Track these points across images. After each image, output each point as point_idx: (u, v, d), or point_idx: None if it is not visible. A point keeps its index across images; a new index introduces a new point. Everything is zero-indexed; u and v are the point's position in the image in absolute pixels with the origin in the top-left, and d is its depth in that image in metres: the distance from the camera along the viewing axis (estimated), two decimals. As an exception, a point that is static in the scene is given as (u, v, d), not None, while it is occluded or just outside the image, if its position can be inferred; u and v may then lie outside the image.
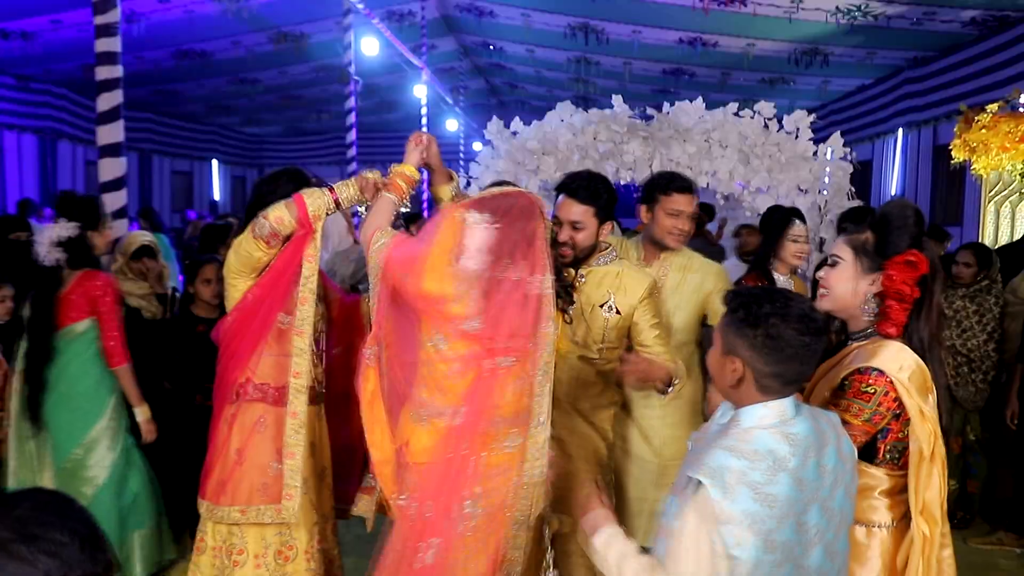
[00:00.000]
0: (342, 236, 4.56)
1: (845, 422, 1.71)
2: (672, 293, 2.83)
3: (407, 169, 2.29)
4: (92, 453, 3.13)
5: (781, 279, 3.37)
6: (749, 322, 1.50)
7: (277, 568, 2.38)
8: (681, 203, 2.78)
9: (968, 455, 4.16)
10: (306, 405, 2.36)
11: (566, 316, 2.37)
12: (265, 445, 2.38)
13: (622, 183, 4.70)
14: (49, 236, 3.06)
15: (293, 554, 2.40)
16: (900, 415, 1.80)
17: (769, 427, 1.49)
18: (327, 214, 2.33)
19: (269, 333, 2.38)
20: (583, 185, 2.41)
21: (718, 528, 1.39)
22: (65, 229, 3.06)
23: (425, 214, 14.79)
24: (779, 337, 1.48)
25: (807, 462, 1.48)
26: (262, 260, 2.33)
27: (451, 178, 2.48)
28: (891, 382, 1.77)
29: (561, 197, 2.43)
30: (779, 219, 3.42)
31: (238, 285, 2.38)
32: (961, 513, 4.06)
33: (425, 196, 14.22)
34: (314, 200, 2.29)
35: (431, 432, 1.97)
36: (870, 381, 1.78)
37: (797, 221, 3.36)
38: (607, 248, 2.51)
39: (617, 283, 2.43)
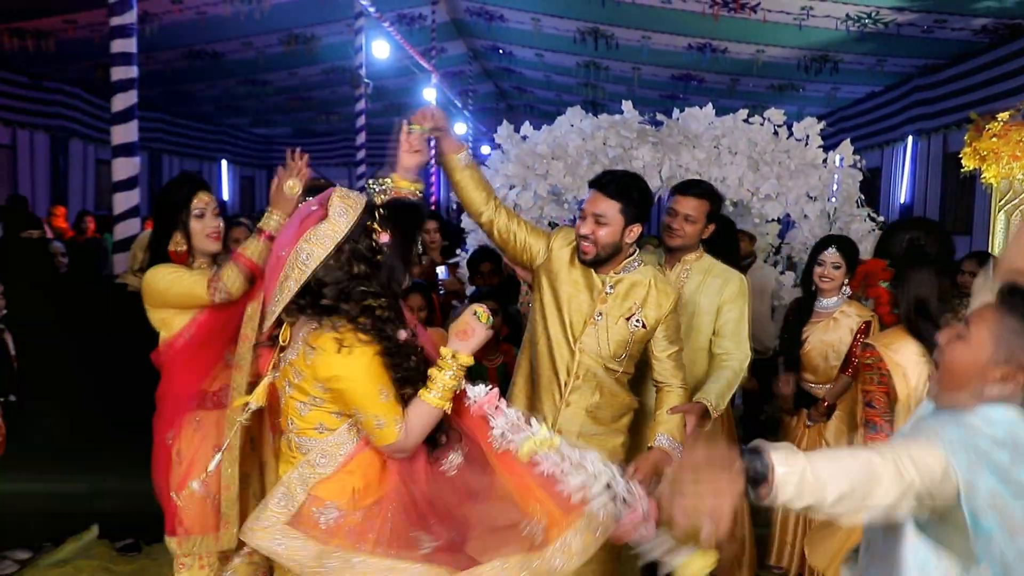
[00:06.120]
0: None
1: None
2: (692, 295, 2.80)
3: (403, 185, 2.17)
4: None
5: None
6: None
7: (221, 567, 2.43)
8: (674, 203, 2.83)
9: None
10: (239, 439, 2.39)
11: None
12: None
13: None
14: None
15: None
16: None
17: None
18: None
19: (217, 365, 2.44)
20: (613, 180, 2.33)
21: None
22: None
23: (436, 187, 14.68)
24: None
25: None
26: (204, 304, 2.37)
27: (461, 147, 2.42)
28: None
29: (591, 191, 2.36)
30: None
31: (175, 319, 2.40)
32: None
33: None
34: (255, 250, 2.35)
35: None
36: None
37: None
38: (633, 254, 2.42)
39: (645, 296, 2.37)
